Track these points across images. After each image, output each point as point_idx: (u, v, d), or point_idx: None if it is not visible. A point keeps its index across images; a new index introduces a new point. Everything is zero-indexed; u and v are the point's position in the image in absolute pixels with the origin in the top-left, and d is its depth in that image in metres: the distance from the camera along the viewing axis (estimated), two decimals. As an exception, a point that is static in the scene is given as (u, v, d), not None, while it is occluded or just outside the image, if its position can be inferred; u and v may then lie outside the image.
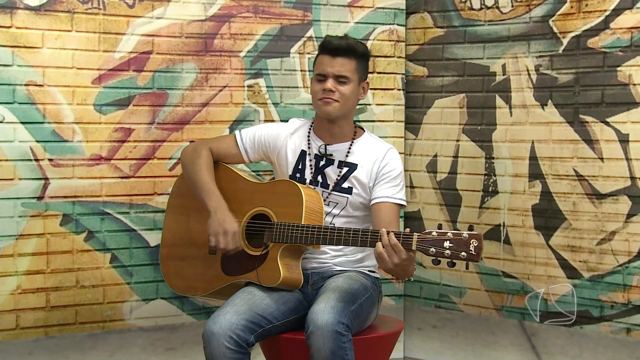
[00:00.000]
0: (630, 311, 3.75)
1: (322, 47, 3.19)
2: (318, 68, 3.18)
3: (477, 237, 2.75)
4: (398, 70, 4.26)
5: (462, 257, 2.75)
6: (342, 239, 2.96)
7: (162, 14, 3.82)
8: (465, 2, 4.15)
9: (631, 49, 3.71)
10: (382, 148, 3.22)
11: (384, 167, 3.18)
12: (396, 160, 3.21)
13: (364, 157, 3.20)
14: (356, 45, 3.18)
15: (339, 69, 3.14)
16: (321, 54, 3.18)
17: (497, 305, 4.11)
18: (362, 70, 3.20)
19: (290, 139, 3.28)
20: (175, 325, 3.93)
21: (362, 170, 3.19)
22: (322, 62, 3.16)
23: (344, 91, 3.14)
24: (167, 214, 3.43)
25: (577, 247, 3.87)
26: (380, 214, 3.14)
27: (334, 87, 3.13)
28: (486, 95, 4.12)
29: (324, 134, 3.24)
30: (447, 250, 2.77)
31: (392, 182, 3.17)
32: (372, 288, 3.17)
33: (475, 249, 2.74)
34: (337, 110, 3.16)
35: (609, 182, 3.79)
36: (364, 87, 3.23)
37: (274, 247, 3.07)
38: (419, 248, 2.80)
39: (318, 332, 2.84)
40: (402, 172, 3.22)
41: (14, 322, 3.64)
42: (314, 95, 3.18)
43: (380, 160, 3.19)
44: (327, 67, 3.14)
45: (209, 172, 3.24)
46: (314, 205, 3.09)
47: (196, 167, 3.25)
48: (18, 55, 3.58)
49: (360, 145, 3.23)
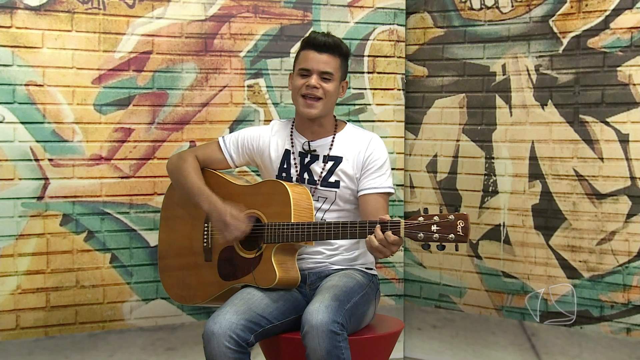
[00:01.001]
0: (630, 311, 3.75)
1: (307, 43, 3.19)
2: (302, 63, 3.17)
3: (464, 217, 2.76)
4: (398, 70, 4.26)
5: (451, 239, 2.77)
6: (332, 232, 2.97)
7: (162, 14, 3.83)
8: (465, 2, 4.15)
9: (631, 49, 3.71)
10: (365, 138, 3.23)
11: (369, 156, 3.19)
12: (380, 149, 3.22)
13: (347, 149, 3.21)
14: (341, 43, 3.20)
15: (324, 66, 3.15)
16: (306, 50, 3.18)
17: (497, 305, 4.11)
18: (344, 69, 3.22)
19: (272, 140, 3.28)
20: (175, 325, 3.93)
21: (348, 162, 3.19)
22: (306, 58, 3.16)
23: (328, 88, 3.15)
24: (160, 227, 3.45)
25: (577, 247, 3.87)
26: (368, 205, 3.15)
27: (318, 84, 3.14)
28: (486, 95, 4.12)
29: (305, 131, 3.25)
30: (435, 234, 2.78)
31: (378, 172, 3.18)
32: (368, 285, 3.17)
33: (462, 230, 2.76)
34: (320, 110, 3.18)
35: (609, 182, 3.78)
36: (343, 87, 3.26)
37: (268, 248, 3.08)
38: (407, 234, 2.82)
39: (313, 332, 2.84)
40: (387, 160, 3.22)
41: (14, 322, 3.64)
42: (295, 91, 3.18)
43: (365, 150, 3.19)
44: (313, 63, 3.14)
45: (197, 175, 3.25)
46: (302, 202, 3.10)
47: (183, 172, 3.26)
48: (18, 55, 3.58)
49: (343, 137, 3.23)
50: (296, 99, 3.19)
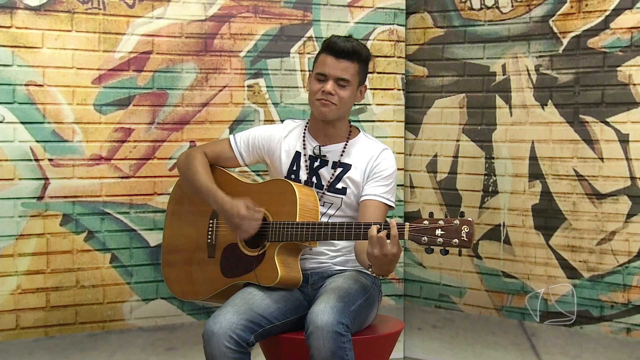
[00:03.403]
0: (630, 311, 3.75)
1: (326, 47, 3.16)
2: (319, 67, 3.16)
3: (469, 223, 2.75)
4: (398, 70, 4.26)
5: (454, 244, 2.76)
6: (336, 233, 2.96)
7: (162, 14, 3.82)
8: (465, 2, 4.15)
9: (631, 49, 3.71)
10: (377, 148, 3.23)
11: (377, 166, 3.19)
12: (389, 161, 3.21)
13: (358, 158, 3.20)
14: (360, 48, 3.16)
15: (341, 72, 3.12)
16: (324, 54, 3.16)
17: (497, 305, 4.11)
18: (362, 74, 3.19)
19: (284, 141, 3.28)
20: (175, 325, 3.93)
21: (356, 171, 3.19)
22: (324, 63, 3.14)
23: (343, 95, 3.14)
24: (166, 221, 3.46)
25: (577, 247, 3.87)
26: (366, 210, 3.14)
27: (333, 90, 3.12)
28: (486, 95, 4.12)
29: (318, 134, 3.24)
30: (439, 239, 2.77)
31: (382, 182, 3.17)
32: (371, 287, 3.17)
33: (467, 235, 2.75)
34: (334, 113, 3.16)
35: (609, 182, 3.78)
36: (362, 91, 3.23)
37: (271, 246, 3.08)
38: (411, 237, 2.80)
39: (318, 333, 2.84)
40: (394, 174, 3.20)
41: (14, 322, 3.63)
42: (311, 94, 3.18)
43: (374, 159, 3.19)
44: (330, 69, 3.12)
45: (206, 172, 3.25)
46: (308, 202, 3.10)
47: (192, 169, 3.26)
48: (18, 55, 3.58)
49: (355, 145, 3.23)
50: (312, 102, 3.18)
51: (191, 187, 3.28)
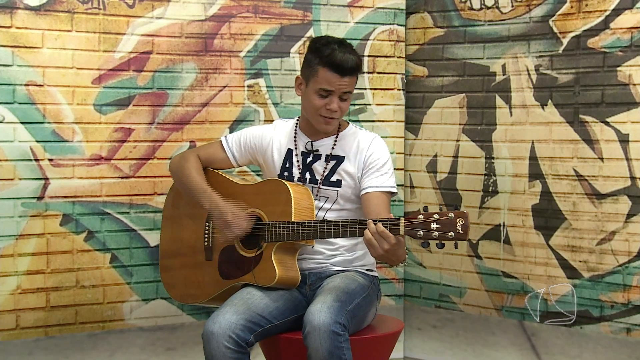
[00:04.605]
0: (630, 311, 3.75)
1: (327, 63, 3.08)
2: (322, 83, 3.09)
3: (463, 215, 2.75)
4: (398, 70, 4.26)
5: (450, 237, 2.76)
6: (332, 231, 2.96)
7: (162, 14, 3.83)
8: (465, 2, 4.15)
9: (631, 49, 3.71)
10: (367, 138, 3.23)
11: (370, 156, 3.19)
12: (381, 149, 3.21)
13: (349, 148, 3.21)
14: (359, 60, 3.15)
15: (346, 87, 3.12)
16: (327, 70, 3.08)
17: (497, 305, 4.11)
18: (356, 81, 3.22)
19: (275, 139, 3.28)
20: (175, 325, 3.93)
21: (349, 162, 3.19)
22: (328, 80, 3.09)
23: (345, 106, 3.17)
24: (162, 226, 3.45)
25: (577, 247, 3.87)
26: (369, 203, 3.14)
27: (338, 107, 3.13)
28: (486, 95, 4.12)
29: (310, 131, 3.25)
30: (434, 232, 2.77)
31: (379, 171, 3.18)
32: (369, 287, 3.17)
33: (462, 228, 2.74)
34: (336, 123, 3.20)
35: (609, 182, 3.78)
36: None
37: (268, 246, 3.08)
38: (406, 232, 2.80)
39: (315, 333, 2.83)
40: (388, 160, 3.21)
41: (14, 322, 3.64)
42: (314, 110, 3.14)
43: (366, 150, 3.20)
44: (335, 86, 3.09)
45: (199, 174, 3.26)
46: (303, 201, 3.10)
47: (185, 171, 3.26)
48: (18, 55, 3.58)
49: (345, 137, 3.24)
50: (314, 116, 3.15)
51: (184, 188, 3.28)
